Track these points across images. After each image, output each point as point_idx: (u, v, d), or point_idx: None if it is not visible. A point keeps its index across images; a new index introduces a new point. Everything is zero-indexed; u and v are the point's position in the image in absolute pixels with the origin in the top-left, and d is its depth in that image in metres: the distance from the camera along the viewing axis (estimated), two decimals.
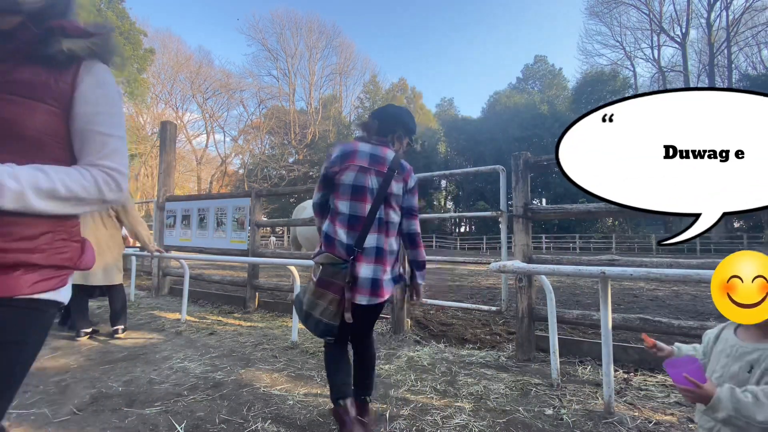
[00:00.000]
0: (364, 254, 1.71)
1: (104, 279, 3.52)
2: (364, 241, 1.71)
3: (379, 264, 1.73)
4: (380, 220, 1.75)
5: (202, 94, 40.07)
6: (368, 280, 1.69)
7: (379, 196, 1.74)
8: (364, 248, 1.71)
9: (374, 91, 46.69)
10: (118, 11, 31.31)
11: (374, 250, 1.72)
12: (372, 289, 1.70)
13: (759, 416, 0.88)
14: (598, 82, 36.94)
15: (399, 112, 1.97)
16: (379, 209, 1.75)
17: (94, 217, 3.54)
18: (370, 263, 1.71)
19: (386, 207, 1.76)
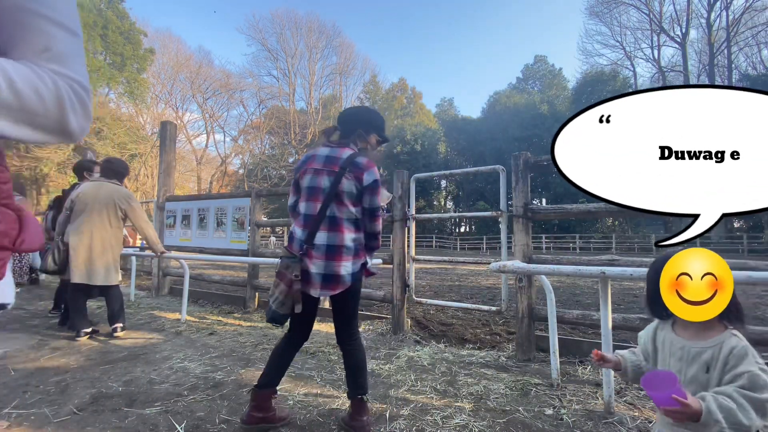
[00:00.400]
0: (315, 250, 1.80)
1: (105, 279, 3.53)
2: (314, 237, 1.81)
3: (331, 259, 1.79)
4: (331, 218, 1.84)
5: (202, 94, 40.08)
6: (318, 275, 1.78)
7: (329, 194, 1.83)
8: (314, 244, 1.81)
9: (374, 91, 46.69)
10: (118, 11, 31.32)
11: (325, 246, 1.80)
12: (323, 282, 1.78)
13: (745, 420, 0.85)
14: (598, 82, 36.90)
15: (358, 111, 2.06)
16: (329, 207, 1.84)
17: (101, 215, 3.55)
18: (320, 259, 1.79)
19: (338, 205, 1.84)
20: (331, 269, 1.79)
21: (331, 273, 1.79)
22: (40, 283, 7.12)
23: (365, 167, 1.85)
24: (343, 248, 1.81)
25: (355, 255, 1.85)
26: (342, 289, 1.81)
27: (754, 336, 2.37)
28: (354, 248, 1.85)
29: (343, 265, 1.80)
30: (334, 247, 1.81)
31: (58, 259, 3.45)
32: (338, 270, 1.79)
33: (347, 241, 1.83)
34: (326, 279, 1.78)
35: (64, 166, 27.45)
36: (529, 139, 33.70)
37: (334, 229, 1.83)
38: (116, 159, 4.05)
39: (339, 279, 1.79)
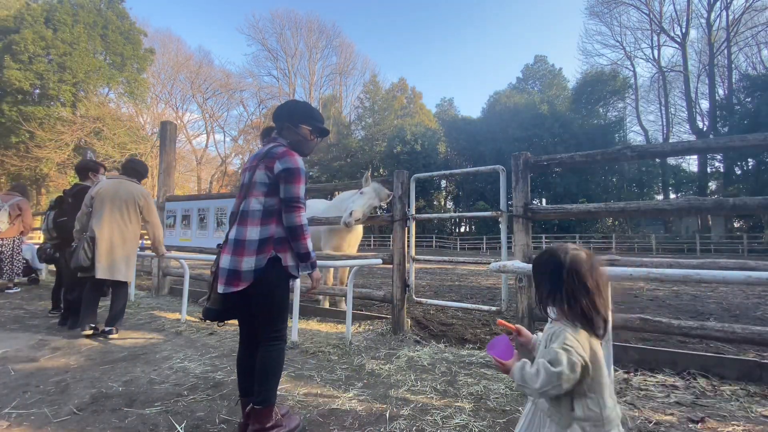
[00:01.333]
0: (227, 245, 1.82)
1: (126, 275, 3.64)
2: (229, 233, 1.84)
3: (236, 255, 1.75)
4: (242, 212, 1.82)
5: (202, 94, 40.11)
6: (224, 270, 1.76)
7: (243, 188, 1.85)
8: (227, 240, 1.83)
9: (374, 91, 46.66)
10: (118, 11, 31.32)
11: (233, 241, 1.79)
12: (227, 278, 1.74)
13: (534, 385, 1.02)
14: (598, 82, 36.90)
15: (282, 105, 2.01)
16: (243, 202, 1.84)
17: (122, 211, 3.66)
18: (228, 253, 1.78)
19: (249, 197, 1.81)
20: (233, 264, 1.74)
21: (233, 268, 1.74)
22: (40, 283, 7.12)
23: (279, 156, 1.79)
24: (245, 242, 1.75)
25: (259, 250, 1.75)
26: (244, 286, 1.72)
27: (754, 336, 2.37)
28: (258, 242, 1.75)
29: (244, 260, 1.73)
30: (238, 241, 1.77)
31: (90, 254, 3.49)
32: (239, 265, 1.73)
33: (250, 234, 1.76)
34: (229, 274, 1.74)
35: (64, 166, 27.47)
36: (529, 139, 33.68)
37: (242, 223, 1.80)
38: (138, 160, 4.18)
39: (239, 275, 1.72)
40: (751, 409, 2.11)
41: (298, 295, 3.56)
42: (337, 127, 45.43)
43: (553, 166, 3.39)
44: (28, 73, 25.86)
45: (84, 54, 28.09)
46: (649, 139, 36.49)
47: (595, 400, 1.02)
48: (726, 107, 30.01)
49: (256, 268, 1.74)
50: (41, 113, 26.18)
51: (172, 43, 39.73)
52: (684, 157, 34.15)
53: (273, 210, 1.80)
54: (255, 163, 1.84)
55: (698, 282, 1.96)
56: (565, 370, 0.98)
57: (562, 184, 33.10)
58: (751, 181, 28.40)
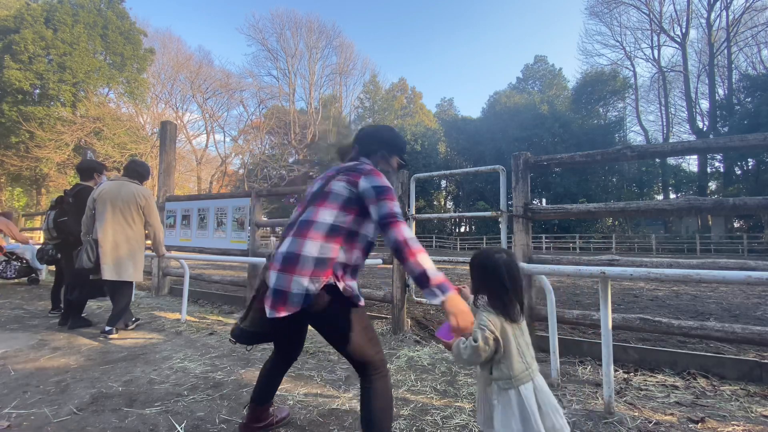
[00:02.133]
0: (274, 260, 1.49)
1: (134, 275, 3.70)
2: (281, 245, 1.51)
3: (286, 272, 1.41)
4: (303, 222, 1.49)
5: (202, 94, 40.06)
6: (270, 290, 1.44)
7: (310, 198, 1.57)
8: (276, 253, 1.50)
9: (374, 91, 46.69)
10: (118, 11, 31.32)
11: (284, 255, 1.45)
12: (273, 299, 1.42)
13: (464, 356, 1.29)
14: (598, 82, 36.92)
15: (379, 130, 1.78)
16: (306, 211, 1.53)
17: (124, 212, 3.69)
18: (276, 270, 1.45)
19: (316, 206, 1.50)
20: (281, 283, 1.41)
21: (279, 288, 1.41)
22: (40, 283, 7.12)
23: (365, 172, 1.51)
24: (300, 257, 1.41)
25: (315, 271, 1.40)
26: (287, 312, 1.38)
27: (754, 336, 2.37)
28: (315, 261, 1.40)
29: (294, 280, 1.39)
30: (292, 256, 1.43)
31: (93, 257, 3.55)
32: (287, 285, 1.39)
33: (308, 249, 1.41)
34: (275, 296, 1.42)
35: (64, 166, 27.46)
36: (529, 139, 33.69)
37: (300, 234, 1.46)
38: (140, 161, 4.21)
39: (285, 297, 1.39)
40: (751, 409, 2.11)
41: None
42: (337, 127, 45.44)
43: (553, 166, 3.39)
44: (28, 73, 25.87)
45: (84, 54, 28.09)
46: (649, 139, 36.49)
47: (506, 365, 1.30)
48: (726, 107, 30.01)
49: (307, 293, 1.38)
50: (41, 113, 26.17)
51: (172, 43, 39.73)
52: (684, 157, 34.15)
53: (342, 228, 1.47)
54: (332, 174, 1.57)
55: (698, 282, 1.96)
56: (480, 344, 1.26)
57: (562, 184, 33.09)
58: (751, 181, 28.40)
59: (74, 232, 3.96)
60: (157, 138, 26.90)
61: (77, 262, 3.61)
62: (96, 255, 3.56)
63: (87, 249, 3.57)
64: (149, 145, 28.43)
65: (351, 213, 1.49)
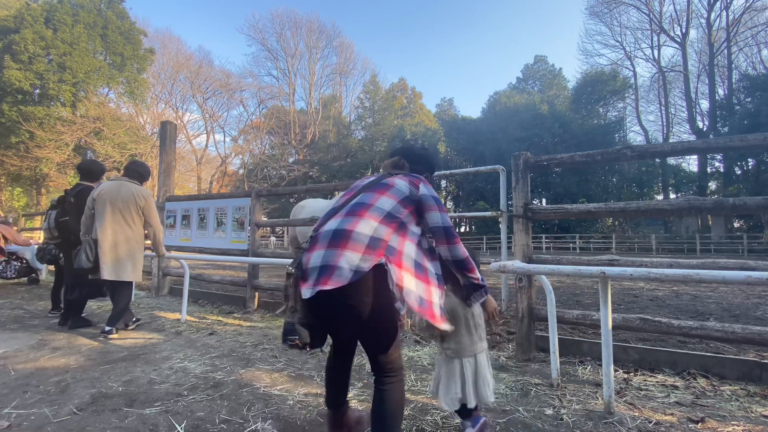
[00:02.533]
0: (318, 240, 1.43)
1: (133, 274, 3.71)
2: (323, 226, 1.47)
3: (334, 247, 1.36)
4: (358, 204, 1.48)
5: (202, 94, 40.02)
6: (313, 268, 1.36)
7: (364, 187, 1.57)
8: (319, 234, 1.45)
9: (374, 91, 46.66)
10: (118, 11, 31.32)
11: (332, 232, 1.40)
12: (316, 276, 1.33)
13: None
14: (598, 82, 36.90)
15: (428, 154, 1.93)
16: (361, 195, 1.52)
17: (124, 213, 3.70)
18: (321, 248, 1.39)
19: (378, 193, 1.50)
20: (327, 258, 1.34)
21: (327, 263, 1.33)
22: (40, 283, 7.12)
23: (424, 181, 1.60)
24: (352, 233, 1.36)
25: (368, 248, 1.34)
26: (334, 285, 1.28)
27: (754, 336, 2.37)
28: (370, 239, 1.36)
29: (344, 255, 1.32)
30: (342, 231, 1.38)
31: (92, 257, 3.56)
32: (335, 259, 1.32)
33: (362, 227, 1.37)
34: (321, 271, 1.33)
35: (64, 166, 27.47)
36: (529, 139, 33.67)
37: (353, 214, 1.43)
38: (140, 162, 4.23)
39: (331, 271, 1.30)
40: (751, 409, 2.11)
41: None
42: (337, 127, 45.44)
43: (553, 166, 3.39)
44: (28, 73, 25.87)
45: (84, 54, 28.09)
46: (649, 139, 36.48)
47: (454, 339, 1.65)
48: (726, 107, 30.00)
49: (357, 269, 1.30)
50: (41, 113, 26.17)
51: (172, 43, 39.69)
52: (684, 157, 34.16)
53: (399, 218, 1.46)
54: (389, 174, 1.63)
55: (698, 282, 1.96)
56: None
57: (562, 184, 33.09)
58: (751, 181, 28.40)
59: (76, 232, 3.97)
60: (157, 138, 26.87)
61: (76, 262, 3.61)
62: (95, 255, 3.56)
63: (86, 249, 3.58)
64: (149, 145, 28.41)
65: (407, 209, 1.50)
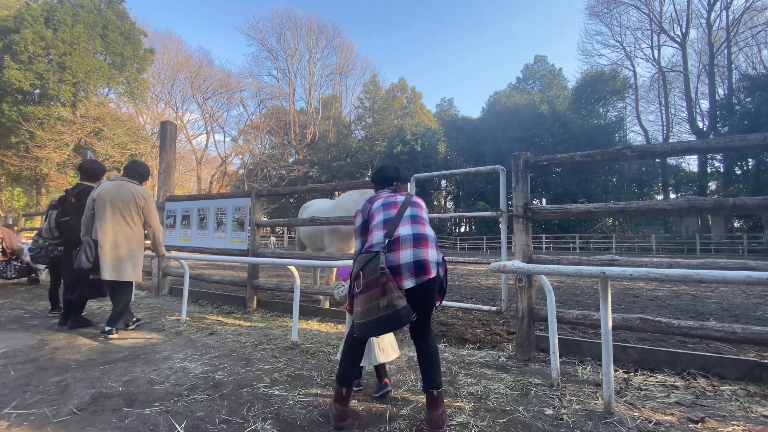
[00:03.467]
0: (401, 242, 2.02)
1: (133, 275, 3.71)
2: (396, 231, 2.11)
3: (420, 247, 1.97)
4: (413, 215, 2.15)
5: (202, 94, 40.00)
6: (410, 263, 1.92)
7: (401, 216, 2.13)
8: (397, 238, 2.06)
9: (374, 91, 46.64)
10: (118, 11, 31.32)
11: (411, 236, 2.01)
12: (416, 270, 1.91)
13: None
14: (598, 82, 36.87)
15: (397, 168, 2.44)
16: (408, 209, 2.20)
17: (124, 213, 3.70)
18: (408, 248, 1.96)
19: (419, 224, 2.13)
20: (420, 255, 1.92)
21: (420, 259, 1.91)
22: (40, 283, 7.12)
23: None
24: (428, 237, 1.99)
25: (437, 247, 2.04)
26: (432, 276, 1.90)
27: (754, 336, 2.37)
28: (436, 240, 2.06)
29: (430, 252, 1.94)
30: (421, 236, 1.98)
31: (91, 257, 3.56)
32: (426, 255, 1.92)
33: (429, 231, 2.05)
34: (418, 265, 1.89)
35: (64, 166, 27.47)
36: (529, 139, 33.67)
37: (416, 222, 2.05)
38: (140, 161, 4.22)
39: (427, 265, 1.90)
40: (751, 409, 2.11)
41: (297, 295, 3.56)
42: (337, 127, 45.42)
43: (553, 166, 3.39)
44: (28, 73, 25.86)
45: (84, 54, 28.09)
46: (649, 139, 36.47)
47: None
48: (726, 107, 29.98)
49: (438, 262, 1.94)
50: (41, 113, 26.17)
51: (172, 43, 39.69)
52: (684, 157, 34.15)
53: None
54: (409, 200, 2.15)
55: (698, 282, 1.96)
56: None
57: (562, 184, 33.08)
58: (751, 181, 28.39)
59: (76, 232, 3.97)
60: (157, 138, 26.87)
61: (76, 263, 3.61)
62: (95, 255, 3.57)
63: (86, 249, 3.58)
64: (149, 145, 28.40)
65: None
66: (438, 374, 1.95)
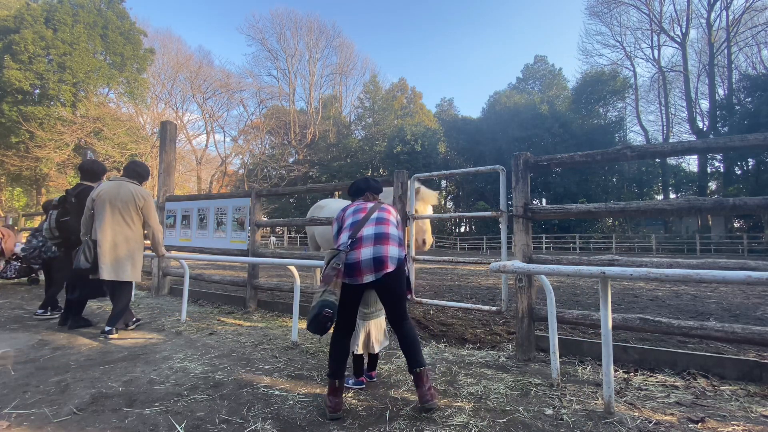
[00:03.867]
0: (362, 241, 2.25)
1: (132, 275, 3.72)
2: (360, 232, 2.32)
3: (380, 244, 2.21)
4: (379, 218, 2.38)
5: (202, 94, 40.00)
6: (368, 260, 2.16)
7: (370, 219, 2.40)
8: (359, 237, 2.29)
9: (374, 91, 46.64)
10: (118, 11, 31.31)
11: (373, 235, 2.26)
12: (374, 265, 2.14)
13: None
14: (598, 82, 36.86)
15: (373, 181, 2.64)
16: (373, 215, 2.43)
17: (123, 213, 3.71)
18: (368, 246, 2.21)
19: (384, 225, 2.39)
20: (379, 251, 2.17)
21: (378, 255, 2.15)
22: (40, 283, 7.12)
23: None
24: (390, 235, 2.26)
25: (400, 244, 2.29)
26: (390, 269, 2.14)
27: (754, 336, 2.37)
28: (400, 239, 2.32)
29: (390, 248, 2.21)
30: (383, 234, 2.24)
31: (90, 257, 3.57)
32: (385, 252, 2.17)
33: (393, 230, 2.29)
34: (376, 261, 2.14)
35: (64, 166, 27.46)
36: (529, 139, 33.65)
37: (381, 223, 2.30)
38: (140, 162, 4.22)
39: (386, 260, 2.14)
40: (751, 409, 2.11)
41: (297, 295, 3.56)
42: (337, 127, 45.41)
43: (553, 166, 3.39)
44: (28, 73, 25.86)
45: (84, 54, 28.08)
46: (649, 139, 36.46)
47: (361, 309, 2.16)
48: (726, 107, 29.98)
49: (399, 257, 2.18)
50: (41, 113, 26.17)
51: (172, 43, 39.69)
52: (684, 157, 34.13)
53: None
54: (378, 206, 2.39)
55: (698, 282, 1.96)
56: None
57: (562, 184, 33.07)
58: (751, 181, 28.38)
59: (76, 232, 3.97)
60: (157, 138, 26.88)
61: (75, 263, 3.62)
62: (94, 255, 3.56)
63: (84, 249, 3.58)
64: (149, 145, 28.40)
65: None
66: (419, 354, 2.16)
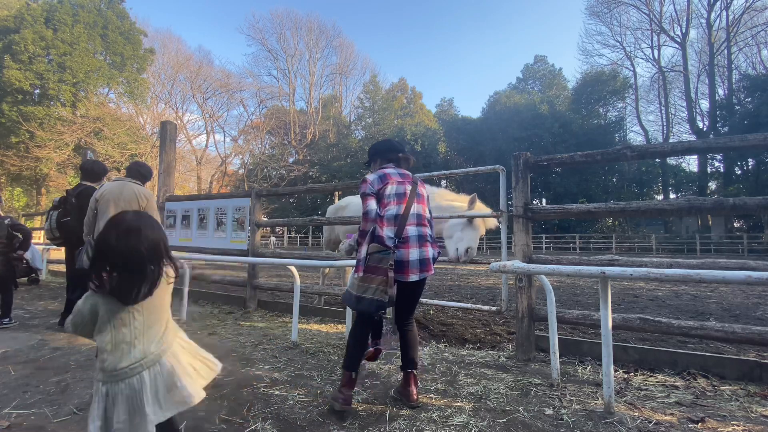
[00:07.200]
0: (408, 242, 2.22)
1: None
2: (403, 231, 2.25)
3: (424, 246, 2.24)
4: (419, 215, 2.32)
5: (202, 94, 40.02)
6: (416, 261, 2.19)
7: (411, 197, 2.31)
8: (407, 236, 2.25)
9: (374, 91, 46.65)
10: (118, 11, 31.32)
11: (416, 237, 2.24)
12: (419, 266, 2.19)
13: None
14: (598, 82, 36.86)
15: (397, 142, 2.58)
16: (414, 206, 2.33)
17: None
18: (414, 247, 2.22)
19: (420, 203, 2.37)
20: (424, 253, 2.22)
21: (424, 257, 2.21)
22: (40, 283, 7.12)
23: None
24: (428, 236, 2.30)
25: (435, 244, 2.36)
26: (431, 272, 2.24)
27: (754, 336, 2.37)
28: (434, 239, 2.34)
29: (430, 250, 2.26)
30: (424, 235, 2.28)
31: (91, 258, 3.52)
32: (428, 254, 2.24)
33: (429, 231, 2.33)
34: (422, 263, 2.18)
35: (64, 166, 27.46)
36: (529, 139, 33.65)
37: (420, 223, 2.30)
38: (143, 163, 4.19)
39: (430, 262, 2.23)
40: (751, 409, 2.11)
41: (297, 295, 3.56)
42: (337, 127, 45.42)
43: (553, 166, 3.39)
44: (28, 73, 25.87)
45: (84, 54, 28.09)
46: (649, 139, 36.45)
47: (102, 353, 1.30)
48: (726, 107, 29.98)
49: (434, 258, 2.26)
50: (41, 113, 26.18)
51: (172, 43, 39.70)
52: (684, 157, 34.13)
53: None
54: (415, 190, 2.30)
55: (698, 282, 1.96)
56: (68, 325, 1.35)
57: (562, 184, 33.06)
58: (751, 181, 28.39)
59: (77, 232, 3.96)
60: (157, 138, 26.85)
61: (77, 262, 3.61)
62: None
63: (87, 249, 3.58)
64: (149, 145, 28.39)
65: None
66: (416, 356, 2.27)
